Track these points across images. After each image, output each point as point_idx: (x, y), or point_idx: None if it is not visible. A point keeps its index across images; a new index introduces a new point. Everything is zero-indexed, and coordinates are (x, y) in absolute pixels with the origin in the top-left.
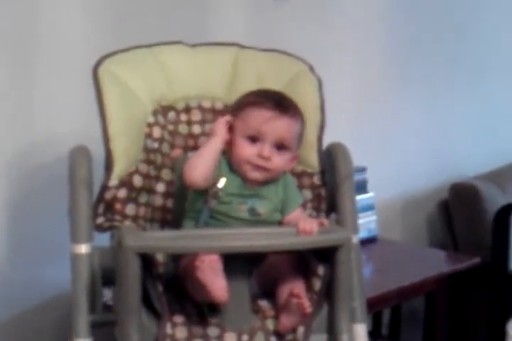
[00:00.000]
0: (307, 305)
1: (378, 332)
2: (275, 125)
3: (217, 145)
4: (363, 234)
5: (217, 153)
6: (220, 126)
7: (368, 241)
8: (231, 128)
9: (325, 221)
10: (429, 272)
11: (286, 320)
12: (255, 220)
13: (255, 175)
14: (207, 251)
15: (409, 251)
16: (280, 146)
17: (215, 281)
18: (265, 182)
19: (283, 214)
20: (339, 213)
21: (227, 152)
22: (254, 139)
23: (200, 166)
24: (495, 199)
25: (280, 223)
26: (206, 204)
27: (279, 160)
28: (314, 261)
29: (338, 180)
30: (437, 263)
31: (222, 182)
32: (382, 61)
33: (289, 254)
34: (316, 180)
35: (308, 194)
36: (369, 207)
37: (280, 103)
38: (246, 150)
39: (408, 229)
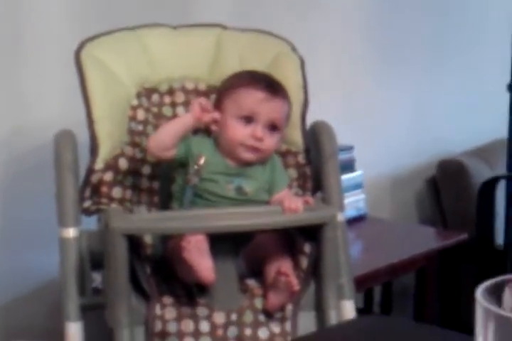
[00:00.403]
0: (295, 283)
1: (370, 309)
2: (268, 106)
3: (185, 122)
4: (351, 212)
5: (183, 128)
6: (196, 105)
7: (357, 220)
8: (221, 109)
9: (310, 199)
10: (418, 249)
11: (275, 298)
12: (242, 199)
13: (248, 155)
14: (193, 232)
15: (399, 229)
16: (272, 127)
17: (202, 261)
18: (252, 163)
19: (270, 195)
20: (324, 191)
21: (216, 133)
22: (246, 120)
23: (159, 136)
24: (482, 174)
25: (267, 203)
26: (188, 184)
27: (270, 141)
28: (301, 239)
29: (323, 159)
30: (426, 240)
31: (202, 159)
32: (365, 40)
33: (275, 233)
34: (301, 158)
35: (293, 173)
36: (357, 186)
37: (271, 84)
38: (239, 131)
39: (397, 207)
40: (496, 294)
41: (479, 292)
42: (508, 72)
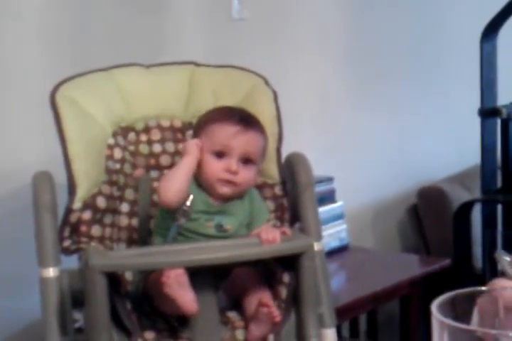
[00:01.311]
0: (276, 314)
1: (356, 338)
2: (241, 139)
3: (190, 164)
4: (334, 243)
5: (191, 173)
6: (193, 145)
7: (339, 250)
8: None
9: (287, 230)
10: (401, 276)
11: (256, 330)
12: (222, 236)
13: (224, 190)
14: (171, 266)
15: (382, 258)
16: (246, 160)
17: (183, 294)
18: (231, 198)
19: (249, 229)
20: (302, 222)
21: (195, 170)
22: (220, 154)
23: (174, 187)
24: (462, 200)
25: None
26: (176, 222)
27: (246, 174)
28: (279, 270)
29: (299, 190)
30: (409, 267)
31: (189, 200)
32: (342, 72)
33: (253, 265)
34: (278, 190)
35: (270, 205)
36: (339, 216)
37: (244, 118)
38: (213, 166)
39: (379, 236)
40: (451, 307)
41: (434, 306)
42: (477, 96)
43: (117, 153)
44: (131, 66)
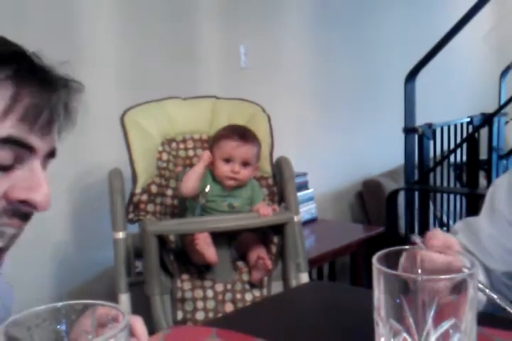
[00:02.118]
0: (269, 264)
1: (321, 279)
2: (240, 150)
3: (201, 169)
4: (306, 216)
5: (201, 174)
6: (205, 155)
7: (310, 221)
8: (212, 153)
9: (276, 207)
10: (352, 238)
11: (256, 274)
12: (232, 211)
13: (230, 183)
14: (200, 231)
15: (338, 226)
16: (245, 164)
17: (208, 250)
18: (237, 187)
19: (251, 205)
20: (286, 202)
21: (211, 168)
22: (227, 160)
23: (190, 183)
24: (392, 188)
25: (249, 212)
26: (198, 202)
27: (245, 173)
28: (271, 234)
29: (284, 181)
30: (357, 233)
31: (207, 188)
32: (314, 104)
33: (254, 231)
34: (270, 181)
35: (265, 191)
36: (310, 199)
37: (243, 135)
38: (223, 168)
39: (337, 212)
40: (385, 259)
41: (374, 258)
42: (403, 119)
43: (164, 156)
44: (174, 98)
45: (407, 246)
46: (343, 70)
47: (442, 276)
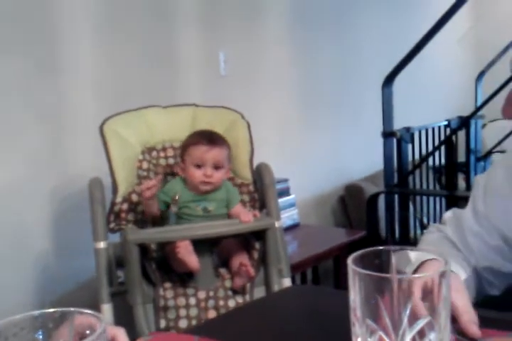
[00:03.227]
0: (251, 271)
1: (304, 284)
2: (210, 154)
3: (146, 201)
4: (288, 222)
5: (149, 203)
6: (144, 190)
7: (292, 227)
8: (184, 159)
9: (257, 213)
10: (334, 243)
11: (239, 281)
12: (208, 215)
13: (205, 188)
14: (181, 239)
15: (321, 231)
16: (216, 167)
17: (190, 257)
18: (210, 191)
19: (228, 209)
20: (267, 208)
21: (183, 176)
22: (199, 166)
23: (147, 209)
24: (372, 192)
25: (228, 215)
26: (170, 211)
27: (218, 176)
28: (253, 240)
29: (265, 187)
30: (339, 237)
31: (176, 197)
32: (295, 110)
33: (235, 237)
34: (251, 188)
35: (246, 197)
36: (292, 205)
37: (211, 139)
38: (195, 174)
39: (319, 217)
40: (360, 260)
41: (349, 260)
42: (381, 123)
43: (145, 165)
44: (154, 107)
45: (380, 247)
46: (323, 75)
47: (415, 275)
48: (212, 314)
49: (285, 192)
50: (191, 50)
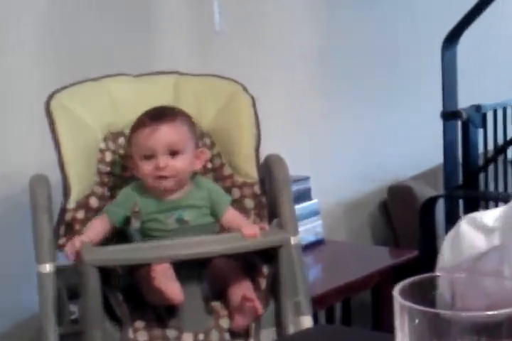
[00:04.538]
0: (259, 307)
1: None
2: (156, 137)
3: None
4: (310, 237)
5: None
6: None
7: (315, 244)
8: (133, 157)
9: (265, 225)
10: (372, 267)
11: (241, 320)
12: (185, 228)
13: (164, 184)
14: (159, 261)
15: (354, 250)
16: (173, 152)
17: (170, 286)
18: (175, 190)
19: (217, 216)
20: (279, 218)
21: (137, 177)
22: (148, 157)
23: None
24: (427, 196)
25: (220, 226)
26: (131, 227)
27: (177, 165)
28: (259, 263)
29: (277, 188)
30: (380, 259)
31: (136, 207)
32: (317, 78)
33: (235, 259)
34: (257, 189)
35: (250, 203)
36: (314, 213)
37: (154, 115)
38: (145, 169)
39: (352, 230)
40: (410, 292)
41: (396, 291)
42: (440, 100)
43: (108, 157)
44: (120, 76)
45: (439, 273)
46: (356, 36)
47: (491, 312)
48: None
49: (305, 196)
50: None
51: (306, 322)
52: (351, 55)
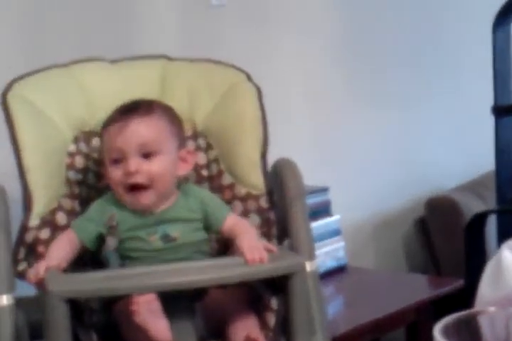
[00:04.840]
0: None
1: None
2: (125, 135)
3: None
4: (330, 263)
5: None
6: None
7: (336, 271)
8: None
9: (273, 247)
10: (407, 300)
11: None
12: (172, 246)
13: (142, 200)
14: (143, 291)
15: (384, 279)
16: (146, 154)
17: (156, 323)
18: (167, 204)
19: (215, 228)
20: (292, 238)
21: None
22: (118, 161)
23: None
24: (476, 211)
25: (221, 237)
26: (107, 248)
27: (152, 169)
28: (267, 294)
29: (288, 201)
30: (417, 290)
31: (114, 221)
32: (338, 64)
33: (234, 287)
34: (263, 202)
35: (256, 219)
36: (335, 232)
37: (124, 110)
38: (113, 175)
39: (382, 255)
40: (457, 330)
41: (436, 330)
42: (492, 94)
43: (79, 162)
44: (93, 61)
45: (492, 307)
46: (388, 14)
47: None
48: None
49: (323, 211)
50: None
51: None
52: (383, 35)
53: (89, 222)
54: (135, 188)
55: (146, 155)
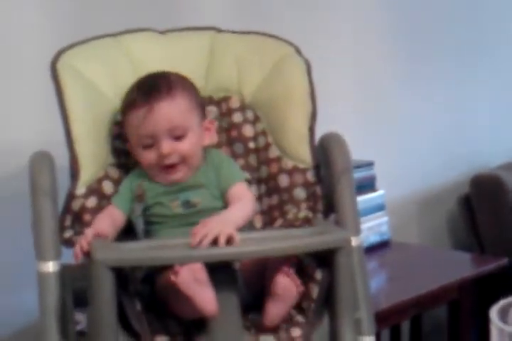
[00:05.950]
0: (298, 283)
1: None
2: (153, 120)
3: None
4: (373, 238)
5: None
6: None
7: (380, 246)
8: (129, 142)
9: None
10: (450, 278)
11: (274, 308)
12: (192, 212)
13: (174, 177)
14: (190, 261)
15: (428, 255)
16: (177, 136)
17: (203, 292)
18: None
19: (223, 190)
20: (338, 213)
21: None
22: (149, 144)
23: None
24: None
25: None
26: (134, 213)
27: (184, 148)
28: (312, 265)
29: (335, 176)
30: (460, 268)
31: (140, 189)
32: (390, 41)
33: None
34: (310, 176)
35: (301, 193)
36: (379, 207)
37: (145, 90)
38: (147, 158)
39: (425, 231)
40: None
41: (493, 312)
42: None
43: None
44: (143, 31)
45: None
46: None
47: None
48: None
49: (368, 186)
50: None
51: None
52: (432, 14)
53: (124, 194)
54: (169, 167)
55: (176, 138)
